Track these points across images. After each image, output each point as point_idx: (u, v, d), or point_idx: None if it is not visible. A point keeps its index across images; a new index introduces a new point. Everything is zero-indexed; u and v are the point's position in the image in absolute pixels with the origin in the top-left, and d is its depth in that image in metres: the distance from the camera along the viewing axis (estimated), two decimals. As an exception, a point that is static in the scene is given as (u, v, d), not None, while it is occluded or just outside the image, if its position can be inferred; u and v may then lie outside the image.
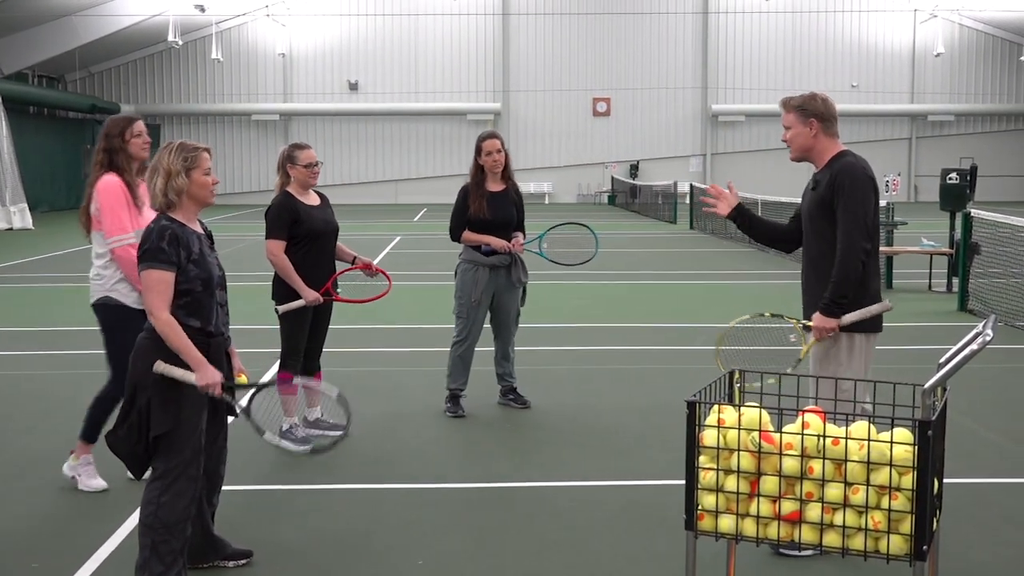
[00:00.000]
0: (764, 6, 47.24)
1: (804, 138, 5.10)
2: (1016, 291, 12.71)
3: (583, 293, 15.25)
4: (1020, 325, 11.75)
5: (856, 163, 5.00)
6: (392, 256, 20.84)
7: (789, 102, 5.16)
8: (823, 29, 48.20)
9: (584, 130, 48.10)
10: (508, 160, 7.83)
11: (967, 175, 15.56)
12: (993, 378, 9.11)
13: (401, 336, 11.44)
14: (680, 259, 20.69)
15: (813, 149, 5.12)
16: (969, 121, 49.61)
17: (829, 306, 4.95)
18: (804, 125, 5.09)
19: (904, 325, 11.91)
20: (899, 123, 49.32)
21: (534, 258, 8.14)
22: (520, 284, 7.88)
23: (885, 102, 48.47)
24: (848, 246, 4.90)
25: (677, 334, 11.63)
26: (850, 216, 4.91)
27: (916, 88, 49.02)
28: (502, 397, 8.12)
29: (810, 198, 5.08)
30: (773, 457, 3.60)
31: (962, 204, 15.03)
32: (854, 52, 48.46)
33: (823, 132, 5.10)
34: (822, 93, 5.19)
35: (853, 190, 4.92)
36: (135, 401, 4.35)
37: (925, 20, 48.01)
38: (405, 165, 48.11)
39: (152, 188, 4.45)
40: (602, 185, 47.75)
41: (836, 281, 4.93)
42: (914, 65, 48.84)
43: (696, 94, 48.18)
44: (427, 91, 47.46)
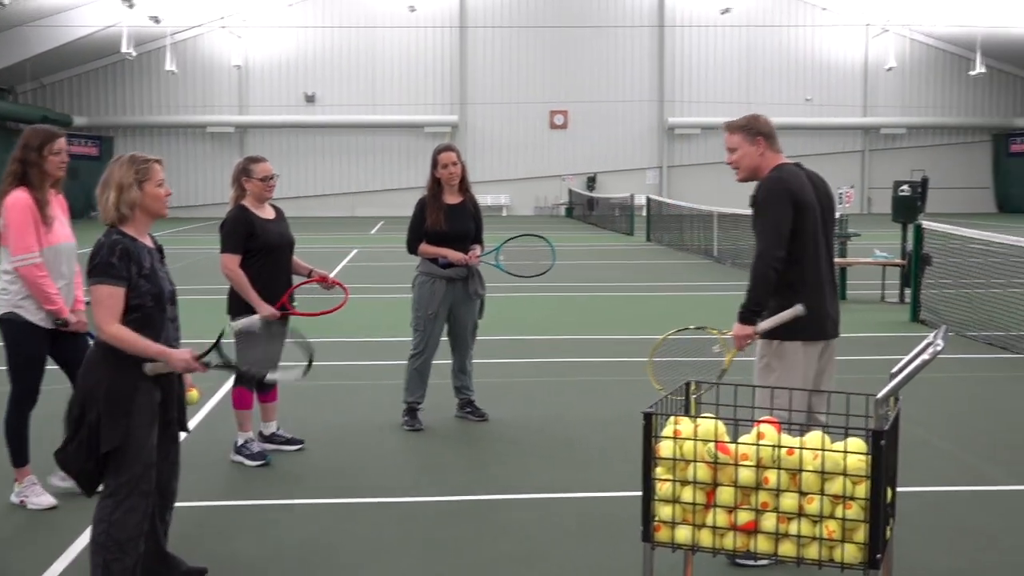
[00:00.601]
0: (719, 20, 47.69)
1: (752, 158, 5.18)
2: (966, 302, 12.90)
3: (541, 305, 15.28)
4: (971, 335, 11.92)
5: (776, 176, 5.09)
6: (349, 269, 20.76)
7: (732, 124, 5.23)
8: (777, 43, 48.74)
9: (541, 143, 48.25)
10: (465, 172, 7.83)
11: (918, 187, 15.76)
12: (945, 388, 9.23)
13: (358, 349, 11.38)
14: (638, 271, 20.78)
15: (760, 167, 5.19)
16: (920, 134, 50.36)
17: (743, 313, 5.03)
18: (751, 144, 5.16)
19: (857, 336, 12.03)
20: (852, 136, 49.95)
21: (492, 270, 8.14)
22: (477, 296, 7.88)
23: (838, 115, 49.07)
24: (760, 254, 4.98)
25: (635, 346, 11.66)
26: (763, 226, 5.01)
27: (868, 101, 49.69)
28: (460, 410, 8.10)
29: (753, 214, 5.16)
30: (729, 468, 3.62)
31: (914, 216, 15.21)
32: (808, 66, 49.04)
33: (769, 150, 5.19)
34: (762, 115, 5.29)
35: (767, 201, 5.01)
36: (84, 417, 4.29)
37: (877, 35, 48.72)
38: (362, 178, 47.98)
39: (104, 202, 4.39)
40: (560, 197, 47.90)
41: (749, 288, 5.01)
42: (866, 79, 49.52)
43: (652, 107, 48.51)
44: (384, 103, 47.39)
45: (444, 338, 7.93)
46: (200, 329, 11.77)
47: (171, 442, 4.63)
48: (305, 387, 9.16)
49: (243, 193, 6.90)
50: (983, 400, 8.93)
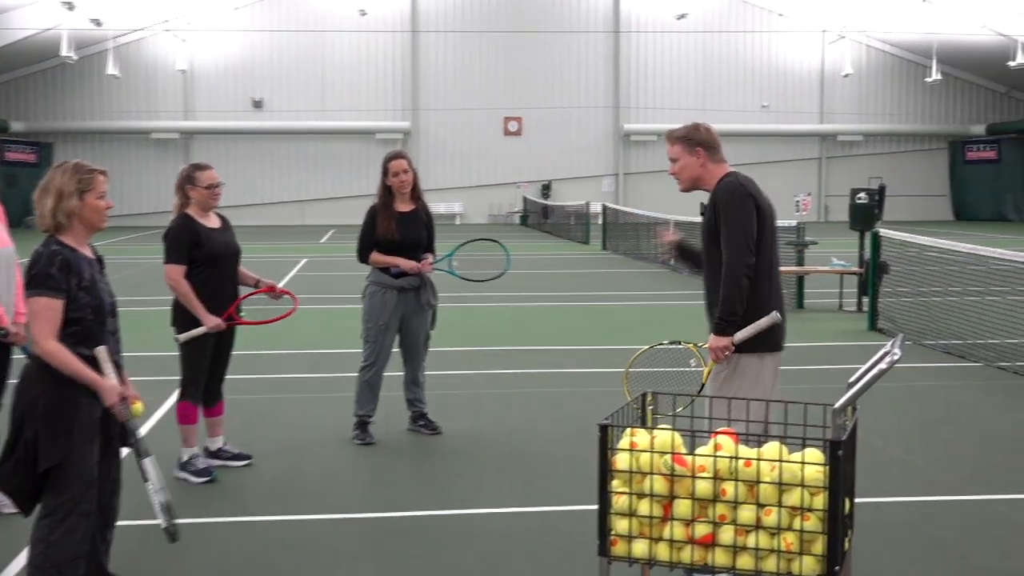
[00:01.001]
0: (675, 26, 48.04)
1: (692, 168, 5.20)
2: (924, 310, 13.07)
3: (495, 316, 15.27)
4: (928, 344, 12.07)
5: (734, 181, 5.09)
6: (298, 279, 20.64)
7: (673, 135, 5.25)
8: (733, 49, 49.20)
9: (495, 150, 48.31)
10: (417, 180, 7.83)
11: (875, 195, 15.95)
12: (902, 397, 9.34)
13: (307, 361, 11.31)
14: (593, 280, 20.85)
15: (702, 177, 5.22)
16: (877, 141, 51.05)
17: (720, 324, 5.01)
18: (691, 155, 5.19)
19: (815, 345, 12.15)
20: (809, 143, 50.52)
21: (444, 280, 8.13)
22: (430, 307, 7.86)
23: (795, 122, 49.60)
24: (731, 262, 4.97)
25: (591, 356, 11.70)
26: (729, 232, 4.99)
27: (825, 108, 50.29)
28: (412, 423, 8.08)
29: (703, 224, 5.18)
30: (686, 480, 3.63)
31: (871, 223, 15.39)
32: (764, 72, 49.55)
33: (710, 160, 5.20)
34: (704, 123, 5.31)
35: (730, 207, 5.00)
36: (21, 433, 4.22)
37: (833, 41, 49.33)
38: (311, 185, 47.75)
39: (41, 209, 4.33)
40: (514, 205, 47.97)
41: (723, 299, 5.00)
42: (823, 86, 50.11)
43: (608, 113, 48.76)
44: (334, 109, 47.22)
45: (396, 349, 7.90)
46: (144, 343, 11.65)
47: (112, 459, 4.56)
48: (253, 401, 9.09)
49: (187, 201, 6.84)
50: (941, 409, 9.05)
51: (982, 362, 11.08)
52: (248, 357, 10.73)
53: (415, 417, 8.07)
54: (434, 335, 8.09)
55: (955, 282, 13.40)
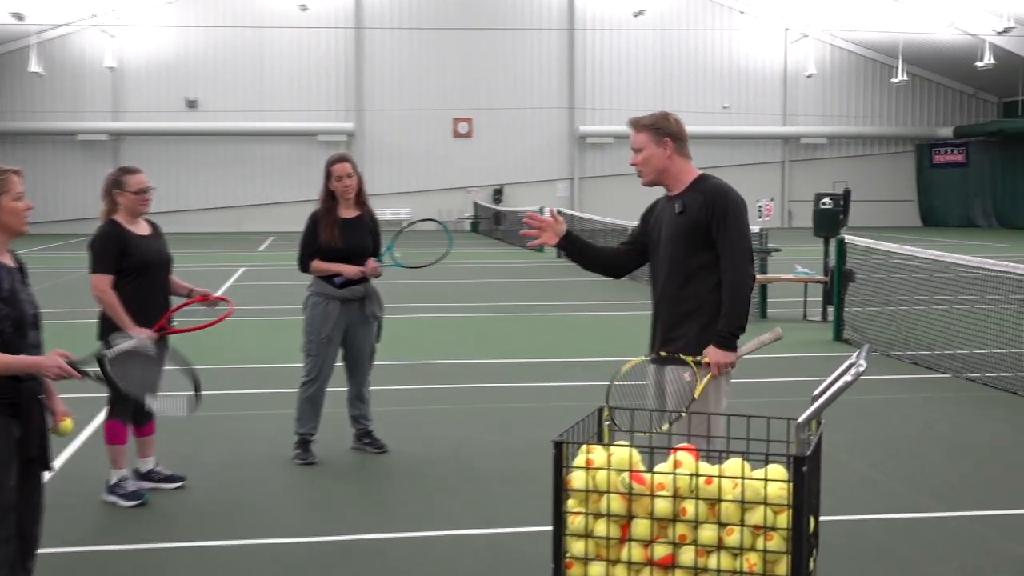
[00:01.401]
0: (632, 23, 48.34)
1: (658, 160, 5.09)
2: (891, 319, 13.23)
3: (444, 327, 15.25)
4: (895, 355, 12.22)
5: (729, 186, 5.07)
6: (235, 289, 20.48)
7: (639, 122, 5.14)
8: (693, 48, 49.58)
9: (444, 152, 48.29)
10: (362, 184, 7.81)
11: (840, 200, 16.11)
12: (869, 410, 9.45)
13: (244, 377, 11.23)
14: (548, 289, 20.89)
15: (668, 171, 5.12)
16: (842, 144, 51.66)
17: (728, 339, 4.92)
18: (658, 146, 5.07)
19: (778, 356, 12.25)
20: (771, 146, 51.02)
21: (391, 291, 8.11)
22: (375, 318, 7.84)
23: (757, 124, 50.08)
24: (738, 274, 4.93)
25: (545, 369, 11.71)
26: (736, 242, 4.94)
27: (788, 110, 50.83)
28: (357, 441, 8.04)
29: (676, 223, 5.05)
30: (644, 499, 3.64)
31: (836, 230, 15.55)
32: (725, 72, 49.98)
33: (677, 153, 5.11)
34: (673, 113, 5.21)
35: (736, 215, 4.96)
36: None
37: (796, 40, 49.87)
38: (249, 190, 47.44)
39: (-46, 215, 4.26)
40: (464, 211, 47.97)
41: (730, 312, 4.92)
42: (786, 86, 50.64)
43: (562, 115, 48.93)
44: (274, 109, 46.96)
45: (339, 363, 7.86)
46: (69, 356, 11.46)
47: (32, 482, 4.48)
48: (186, 419, 8.99)
49: (115, 207, 6.76)
50: (908, 422, 9.16)
51: (951, 373, 11.23)
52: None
53: (360, 435, 8.03)
54: (380, 348, 8.06)
55: (923, 290, 13.57)
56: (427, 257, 8.30)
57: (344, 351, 7.84)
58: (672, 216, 5.09)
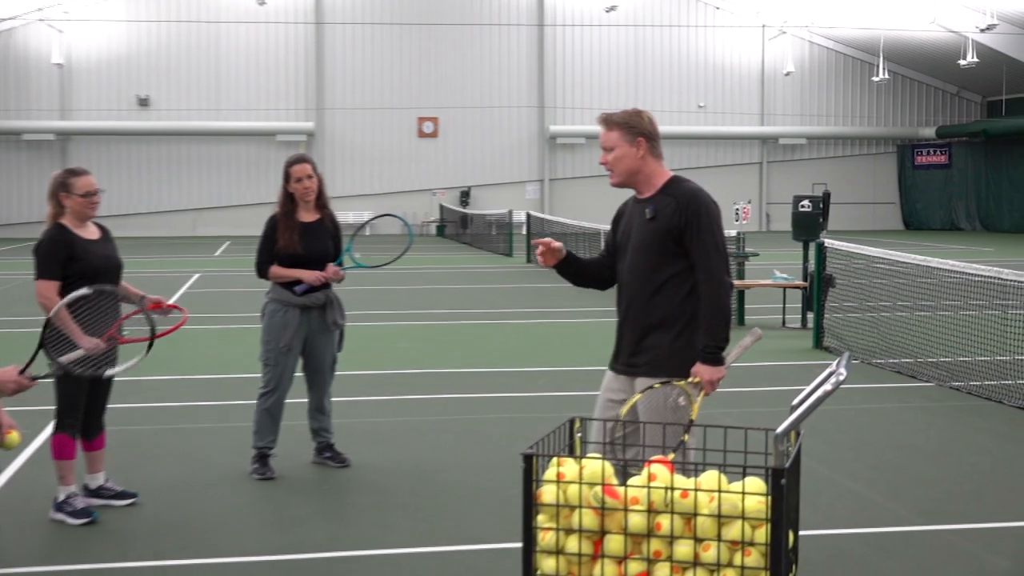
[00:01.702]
0: (604, 19, 48.48)
1: (631, 160, 5.03)
2: (872, 326, 13.32)
3: (409, 335, 15.23)
4: (877, 363, 12.30)
5: (702, 190, 5.03)
6: (190, 296, 20.37)
7: (611, 119, 5.06)
8: (667, 45, 49.79)
9: (409, 153, 48.25)
10: (322, 187, 7.78)
11: (820, 202, 16.22)
12: (850, 421, 9.50)
13: (200, 388, 11.17)
14: (517, 296, 20.90)
15: (640, 173, 5.06)
16: (822, 145, 52.00)
17: (714, 353, 4.86)
18: (631, 145, 5.02)
19: (756, 365, 12.31)
20: (749, 146, 51.29)
21: (353, 297, 8.09)
22: (336, 326, 7.81)
23: (733, 124, 50.36)
24: (716, 283, 4.89)
25: (514, 380, 11.71)
26: (711, 249, 4.90)
27: (766, 109, 51.11)
28: (317, 455, 8.01)
29: (647, 229, 5.00)
30: (618, 513, 3.65)
31: (815, 233, 15.65)
32: (700, 70, 50.22)
33: (650, 153, 5.06)
34: (646, 111, 5.16)
35: (710, 221, 4.93)
36: None
37: (774, 37, 50.18)
38: (205, 192, 47.23)
39: None
40: (429, 214, 47.94)
41: (711, 324, 4.87)
42: (763, 85, 50.94)
43: (532, 114, 49.01)
44: (230, 108, 46.79)
45: (299, 374, 7.83)
46: (13, 367, 11.36)
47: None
48: (138, 432, 8.94)
49: (61, 210, 6.71)
50: (890, 433, 9.22)
51: (934, 382, 11.32)
52: (133, 383, 10.56)
53: (320, 448, 8.00)
54: (341, 358, 8.04)
55: (905, 296, 13.68)
56: (388, 255, 8.29)
57: (304, 361, 7.81)
58: (642, 222, 5.04)
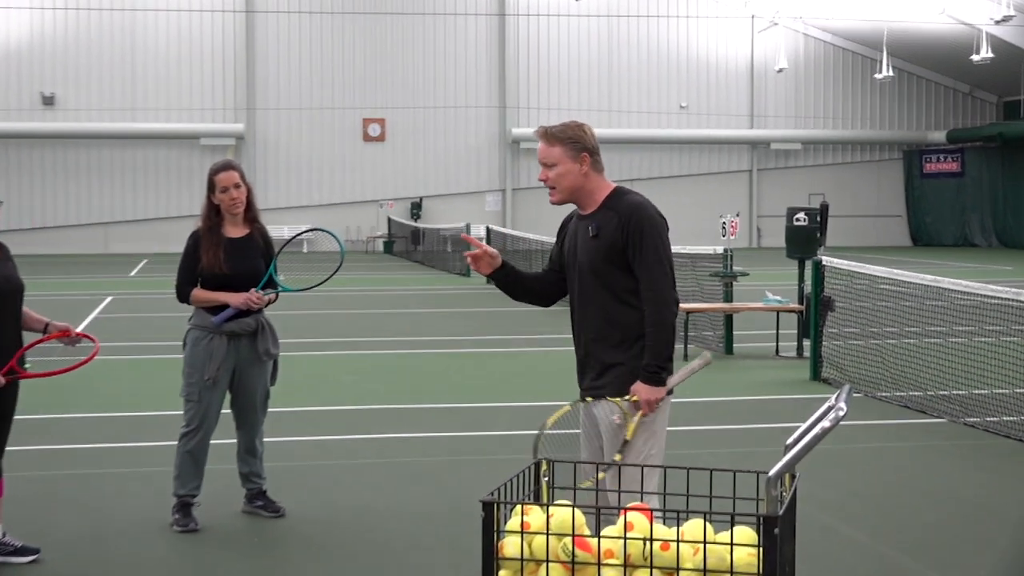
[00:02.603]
0: (573, 8, 48.67)
1: (573, 177, 5.33)
2: (876, 355, 13.38)
3: (353, 366, 15.18)
4: (882, 396, 12.36)
5: (645, 203, 5.32)
6: (101, 322, 20.24)
7: (551, 133, 5.37)
8: (645, 38, 50.05)
9: (352, 159, 48.21)
10: (252, 197, 7.76)
11: (817, 215, 16.29)
12: (851, 462, 9.54)
13: (112, 427, 11.08)
14: (476, 322, 20.89)
15: (582, 189, 5.37)
16: (818, 150, 52.39)
17: (656, 373, 5.17)
18: (574, 161, 5.32)
19: (745, 399, 12.36)
20: (737, 152, 51.60)
21: (288, 324, 8.06)
22: (269, 356, 7.78)
23: (720, 126, 50.65)
24: (659, 300, 5.19)
25: (473, 417, 11.70)
26: (654, 265, 5.20)
27: (756, 111, 51.47)
28: (248, 504, 7.97)
29: (591, 248, 5.30)
30: (590, 568, 3.64)
31: (812, 250, 15.71)
32: (682, 66, 50.51)
33: (593, 169, 5.36)
34: (584, 123, 5.48)
35: (653, 234, 5.22)
36: None
37: (764, 29, 50.54)
38: (118, 204, 46.96)
39: None
40: (376, 228, 47.87)
41: (655, 343, 5.18)
42: (753, 83, 51.31)
43: (492, 115, 49.10)
44: (148, 107, 46.61)
45: (226, 411, 7.79)
46: None
47: None
48: (42, 479, 8.86)
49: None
50: (897, 475, 9.27)
51: (946, 417, 11.38)
52: (36, 422, 10.46)
53: (251, 496, 7.96)
54: (275, 392, 8.01)
55: (913, 321, 13.77)
56: (318, 274, 8.26)
57: (232, 396, 7.77)
58: (586, 239, 5.34)
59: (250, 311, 7.63)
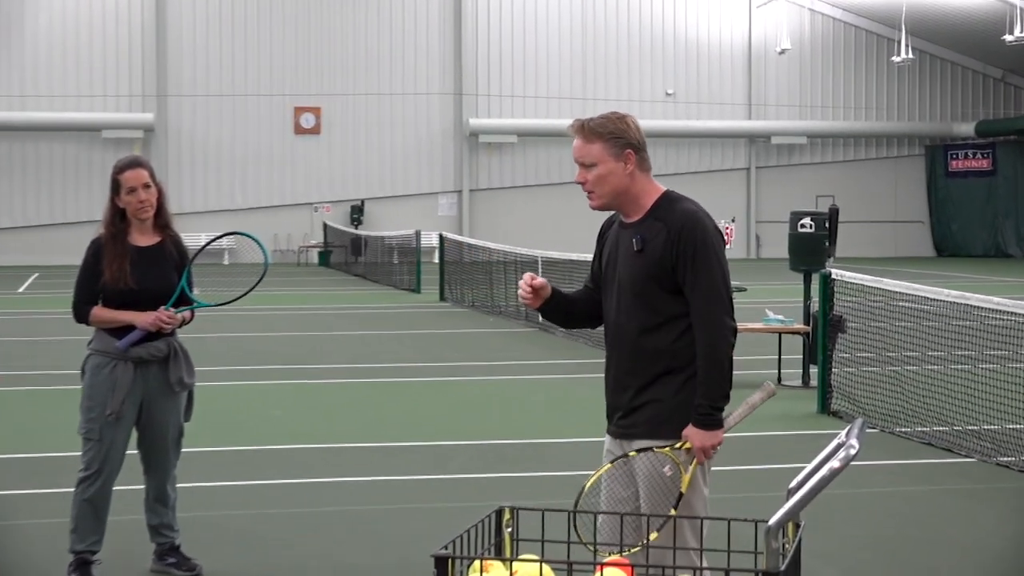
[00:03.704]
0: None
1: (619, 178, 5.22)
2: (894, 383, 13.40)
3: (283, 399, 15.12)
4: (901, 432, 12.39)
5: (700, 212, 5.24)
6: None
7: (592, 127, 5.23)
8: (625, 14, 50.14)
9: (282, 155, 48.05)
10: (164, 200, 7.72)
11: (825, 221, 16.35)
12: (864, 508, 9.57)
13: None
14: (427, 346, 20.85)
15: (627, 193, 5.27)
16: (827, 146, 52.55)
17: (710, 415, 5.13)
18: (618, 160, 5.20)
19: (743, 435, 12.36)
20: (732, 147, 51.70)
21: (204, 349, 8.03)
22: (183, 387, 7.74)
23: (712, 117, 50.75)
24: (714, 329, 5.14)
25: (424, 456, 11.67)
26: (711, 287, 5.15)
27: (754, 99, 51.60)
28: (158, 561, 7.92)
29: (635, 264, 5.22)
30: (560, 634, 3.65)
31: (819, 261, 15.76)
32: (668, 46, 50.61)
33: (640, 168, 5.26)
34: (628, 114, 5.34)
35: (708, 252, 5.17)
36: None
37: (764, 3, 50.71)
38: (4, 207, 46.68)
39: None
40: (310, 236, 47.72)
41: (708, 379, 5.13)
42: (751, 66, 51.43)
43: (446, 104, 49.05)
44: (39, 95, 46.35)
45: (132, 451, 7.75)
46: None
47: None
48: (-88, 532, 8.79)
49: None
50: (919, 524, 9.30)
51: (976, 456, 11.42)
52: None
53: (162, 552, 7.91)
54: (190, 429, 7.97)
55: (937, 344, 13.82)
56: (237, 287, 8.23)
57: (140, 434, 7.73)
58: (629, 253, 5.26)
59: (161, 333, 7.59)
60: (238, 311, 8.33)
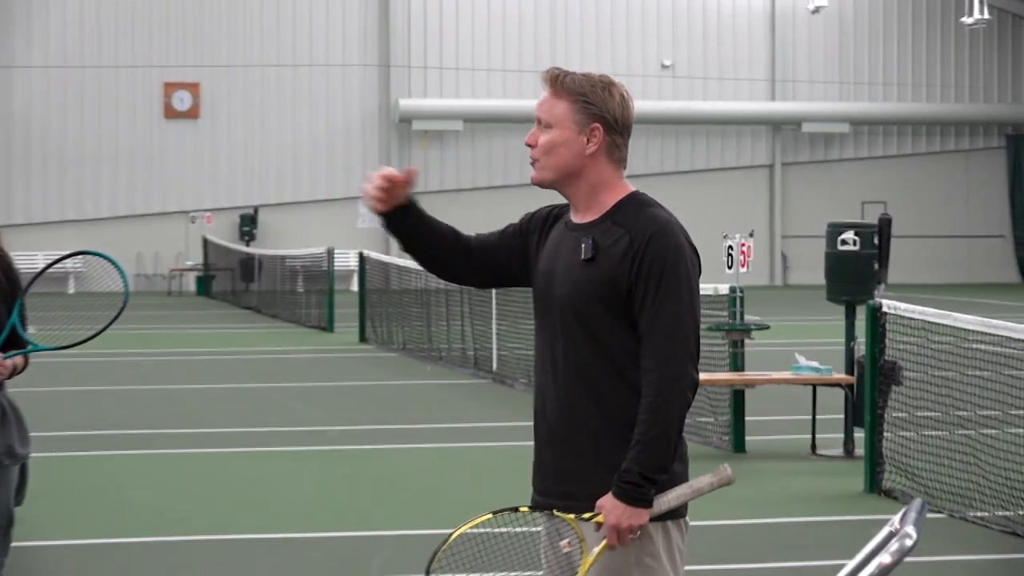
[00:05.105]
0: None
1: (573, 154, 5.20)
2: (964, 453, 13.41)
3: (150, 474, 15.09)
4: (976, 518, 12.41)
5: (671, 223, 5.18)
6: None
7: (561, 80, 5.22)
8: (607, -39, 50.50)
9: (148, 147, 48.04)
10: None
11: (874, 235, 16.38)
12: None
13: None
14: (342, 402, 20.86)
15: (580, 176, 5.24)
16: (875, 135, 52.70)
17: (638, 486, 4.99)
18: (580, 131, 5.19)
19: (768, 522, 12.43)
20: (751, 136, 51.78)
21: (41, 408, 8.02)
22: (13, 460, 7.73)
23: (724, 96, 50.91)
24: (668, 378, 5.04)
25: (336, 551, 11.68)
26: (675, 322, 5.07)
27: (779, 73, 51.77)
28: None
29: (581, 275, 5.15)
30: None
31: (867, 290, 15.80)
32: (665, 7, 50.81)
33: (605, 152, 5.25)
34: (620, 83, 5.32)
35: (679, 276, 5.10)
36: None
37: (791, -53, 51.12)
38: None
39: None
40: (184, 256, 47.64)
41: (648, 441, 5.01)
42: (774, 32, 51.64)
43: (368, 79, 49.12)
44: None
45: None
46: None
47: None
48: None
49: None
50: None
51: (1075, 549, 11.51)
52: None
53: None
54: (22, 514, 7.96)
55: (1022, 400, 13.87)
56: (86, 324, 8.20)
57: (-43, 520, 7.73)
58: (575, 262, 5.19)
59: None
60: (87, 356, 8.32)
